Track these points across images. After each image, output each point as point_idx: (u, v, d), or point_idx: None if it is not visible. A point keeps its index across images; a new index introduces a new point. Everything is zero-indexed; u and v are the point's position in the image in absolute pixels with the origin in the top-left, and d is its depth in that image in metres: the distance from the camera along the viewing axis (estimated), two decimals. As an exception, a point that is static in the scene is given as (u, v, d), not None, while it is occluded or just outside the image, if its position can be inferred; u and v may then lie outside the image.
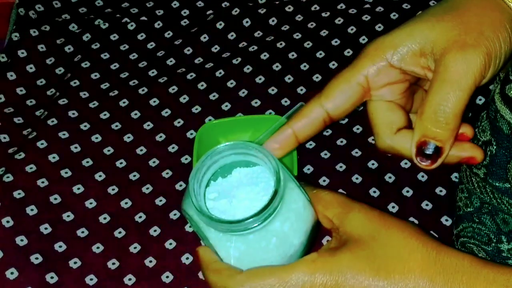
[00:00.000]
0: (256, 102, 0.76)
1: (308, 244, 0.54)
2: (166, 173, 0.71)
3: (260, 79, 0.78)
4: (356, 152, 0.71)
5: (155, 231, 0.67)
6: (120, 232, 0.67)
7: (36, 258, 0.64)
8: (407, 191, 0.68)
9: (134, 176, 0.71)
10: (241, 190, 0.53)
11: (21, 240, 0.65)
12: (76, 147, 0.73)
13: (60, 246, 0.65)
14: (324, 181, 0.69)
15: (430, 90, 0.49)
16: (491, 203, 0.56)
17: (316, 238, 0.57)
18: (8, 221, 0.67)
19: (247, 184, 0.54)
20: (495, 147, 0.53)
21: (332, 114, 0.52)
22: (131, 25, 0.85)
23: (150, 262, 0.64)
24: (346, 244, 0.50)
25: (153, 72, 0.80)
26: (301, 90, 0.76)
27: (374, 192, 0.68)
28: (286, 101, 0.76)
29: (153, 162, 0.72)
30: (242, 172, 0.55)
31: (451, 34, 0.49)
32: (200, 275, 0.64)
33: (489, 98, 0.54)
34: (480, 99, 0.72)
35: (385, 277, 0.48)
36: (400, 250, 0.49)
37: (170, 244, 0.66)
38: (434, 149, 0.49)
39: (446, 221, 0.66)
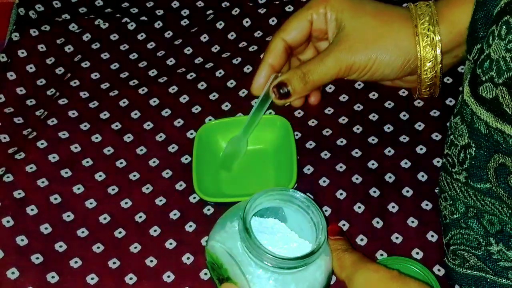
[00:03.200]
0: (256, 102, 0.76)
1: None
2: (166, 173, 0.71)
3: (260, 79, 0.78)
4: (356, 152, 0.71)
5: (155, 231, 0.67)
6: (120, 232, 0.67)
7: (37, 258, 0.64)
8: (407, 191, 0.68)
9: (134, 176, 0.71)
10: (261, 237, 0.56)
11: (21, 240, 0.65)
12: (76, 147, 0.73)
13: (61, 246, 0.65)
14: (324, 181, 0.69)
15: (316, 56, 0.68)
16: (475, 206, 0.56)
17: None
18: (8, 221, 0.67)
19: (263, 232, 0.58)
20: (474, 149, 0.55)
21: (291, 44, 0.69)
22: (131, 25, 0.85)
23: (150, 262, 0.64)
24: None
25: (153, 72, 0.80)
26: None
27: (374, 192, 0.68)
28: (286, 101, 0.76)
29: (153, 162, 0.72)
30: (256, 221, 0.59)
31: (352, 36, 0.66)
32: (201, 275, 0.64)
33: (458, 104, 0.57)
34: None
35: None
36: None
37: (170, 244, 0.66)
38: (286, 92, 0.67)
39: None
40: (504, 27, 0.51)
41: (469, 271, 0.58)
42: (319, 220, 0.56)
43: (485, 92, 0.52)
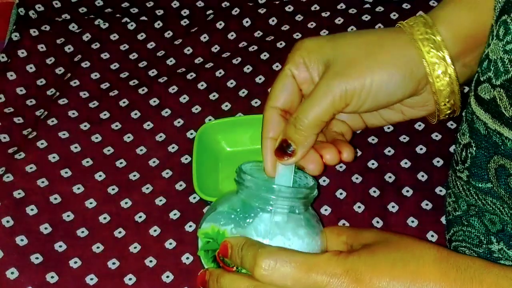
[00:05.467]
0: (256, 102, 0.76)
1: None
2: (166, 173, 0.71)
3: (260, 79, 0.78)
4: (356, 152, 0.71)
5: (155, 231, 0.67)
6: (120, 232, 0.67)
7: (37, 258, 0.64)
8: (407, 191, 0.68)
9: (134, 176, 0.71)
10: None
11: (21, 240, 0.65)
12: (76, 147, 0.73)
13: (60, 246, 0.65)
14: (324, 181, 0.69)
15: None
16: (477, 205, 0.56)
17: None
18: (8, 221, 0.67)
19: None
20: (474, 149, 0.54)
21: (284, 108, 0.59)
22: (131, 25, 0.85)
23: (150, 262, 0.64)
24: (364, 248, 0.52)
25: (153, 72, 0.80)
26: (301, 90, 0.76)
27: (374, 192, 0.68)
28: (286, 101, 0.76)
29: (153, 162, 0.72)
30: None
31: (340, 61, 0.56)
32: (200, 275, 0.64)
33: (467, 103, 0.55)
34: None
35: (401, 268, 0.49)
36: (414, 248, 0.51)
37: (170, 244, 0.66)
38: (288, 148, 0.57)
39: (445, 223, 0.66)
40: (502, 27, 0.50)
41: None
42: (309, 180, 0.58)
43: (483, 93, 0.52)
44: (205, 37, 0.83)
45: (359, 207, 0.67)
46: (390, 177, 0.69)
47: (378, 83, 0.55)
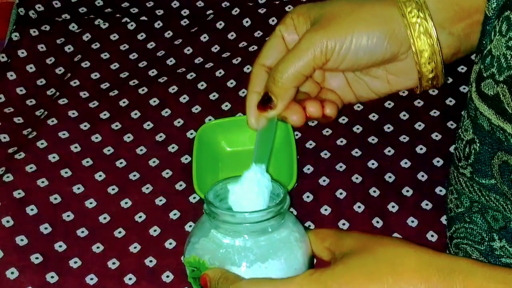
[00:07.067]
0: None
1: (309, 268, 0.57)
2: (166, 173, 0.71)
3: (260, 79, 0.78)
4: (356, 152, 0.71)
5: (155, 231, 0.67)
6: (120, 232, 0.67)
7: (36, 258, 0.64)
8: (407, 191, 0.68)
9: (134, 176, 0.71)
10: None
11: (21, 240, 0.65)
12: (76, 147, 0.73)
13: (60, 246, 0.65)
14: (324, 181, 0.69)
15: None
16: (480, 201, 0.56)
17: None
18: (8, 221, 0.67)
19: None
20: (478, 145, 0.54)
21: (271, 66, 0.61)
22: (131, 25, 0.85)
23: (150, 261, 0.64)
24: (341, 259, 0.51)
25: (153, 72, 0.80)
26: (301, 90, 0.76)
27: (374, 192, 0.68)
28: (286, 101, 0.76)
29: (153, 162, 0.72)
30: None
31: (324, 18, 0.58)
32: (200, 275, 0.64)
33: (468, 99, 0.55)
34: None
35: (378, 280, 0.48)
36: (392, 256, 0.49)
37: (170, 244, 0.66)
38: (268, 99, 0.59)
39: (446, 221, 0.66)
40: (505, 23, 0.50)
41: None
42: (279, 191, 0.56)
43: (487, 89, 0.52)
44: (205, 37, 0.83)
45: (359, 207, 0.67)
46: (390, 177, 0.69)
47: (358, 40, 0.57)
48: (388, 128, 0.73)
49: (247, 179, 0.56)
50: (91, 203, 0.69)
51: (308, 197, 0.68)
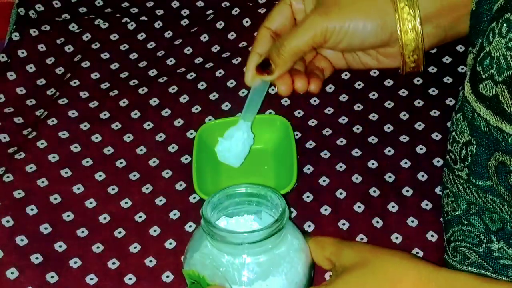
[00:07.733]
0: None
1: (309, 279, 0.57)
2: (166, 173, 0.71)
3: (260, 79, 0.78)
4: (356, 152, 0.71)
5: (155, 231, 0.67)
6: (120, 232, 0.67)
7: (36, 258, 0.64)
8: (407, 191, 0.68)
9: (134, 176, 0.71)
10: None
11: (21, 240, 0.65)
12: (76, 147, 0.73)
13: (60, 246, 0.65)
14: (324, 181, 0.69)
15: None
16: (477, 203, 0.56)
17: (313, 280, 0.59)
18: (8, 221, 0.67)
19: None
20: (475, 146, 0.55)
21: (276, 30, 0.70)
22: (131, 25, 0.85)
23: (150, 261, 0.64)
24: (340, 275, 0.53)
25: (153, 72, 0.80)
26: (301, 90, 0.76)
27: (374, 192, 0.68)
28: (286, 101, 0.76)
29: (153, 162, 0.72)
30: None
31: (327, 3, 0.67)
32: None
33: (459, 101, 0.56)
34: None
35: None
36: (391, 272, 0.51)
37: (170, 244, 0.66)
38: (267, 64, 0.67)
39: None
40: (505, 24, 0.51)
41: (469, 268, 0.58)
42: (278, 202, 0.56)
43: (485, 90, 0.52)
44: (205, 37, 0.83)
45: (359, 207, 0.67)
46: (390, 177, 0.69)
47: (354, 28, 0.65)
48: (388, 128, 0.73)
49: (235, 137, 0.68)
50: (91, 203, 0.69)
51: (308, 197, 0.68)
